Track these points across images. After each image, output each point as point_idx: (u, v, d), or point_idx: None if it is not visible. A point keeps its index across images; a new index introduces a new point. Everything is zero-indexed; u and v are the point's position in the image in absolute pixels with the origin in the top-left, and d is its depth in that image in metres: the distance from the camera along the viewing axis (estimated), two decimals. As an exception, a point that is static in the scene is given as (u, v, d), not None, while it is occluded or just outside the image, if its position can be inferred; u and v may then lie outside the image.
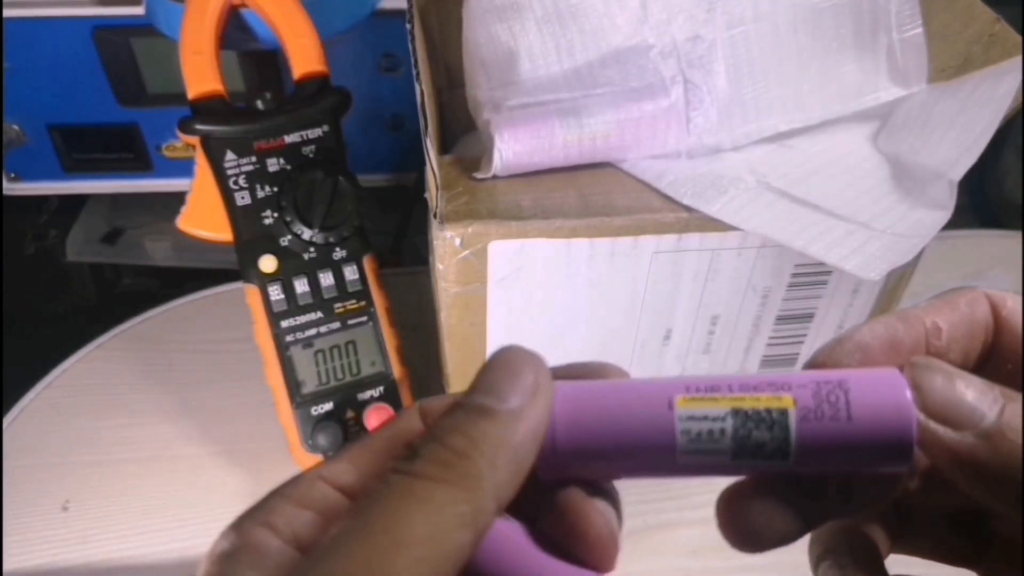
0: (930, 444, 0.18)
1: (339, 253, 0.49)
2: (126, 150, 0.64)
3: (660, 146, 0.43)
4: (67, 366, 0.61)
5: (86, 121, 0.63)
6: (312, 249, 0.48)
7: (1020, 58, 0.42)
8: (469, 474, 0.17)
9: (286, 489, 0.19)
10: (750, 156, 0.44)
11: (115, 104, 0.62)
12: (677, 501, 0.51)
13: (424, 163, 0.42)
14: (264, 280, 0.48)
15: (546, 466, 0.19)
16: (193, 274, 0.72)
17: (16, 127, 0.63)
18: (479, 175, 0.42)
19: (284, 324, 0.48)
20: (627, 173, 0.43)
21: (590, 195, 0.41)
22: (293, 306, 0.48)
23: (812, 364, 0.21)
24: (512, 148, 0.41)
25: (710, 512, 0.24)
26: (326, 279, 0.48)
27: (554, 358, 0.45)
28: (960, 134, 0.41)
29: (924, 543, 0.24)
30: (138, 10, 0.57)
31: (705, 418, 0.19)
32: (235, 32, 0.51)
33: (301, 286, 0.48)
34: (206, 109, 0.47)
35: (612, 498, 0.20)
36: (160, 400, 0.59)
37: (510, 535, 0.19)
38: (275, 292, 0.48)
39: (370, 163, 0.66)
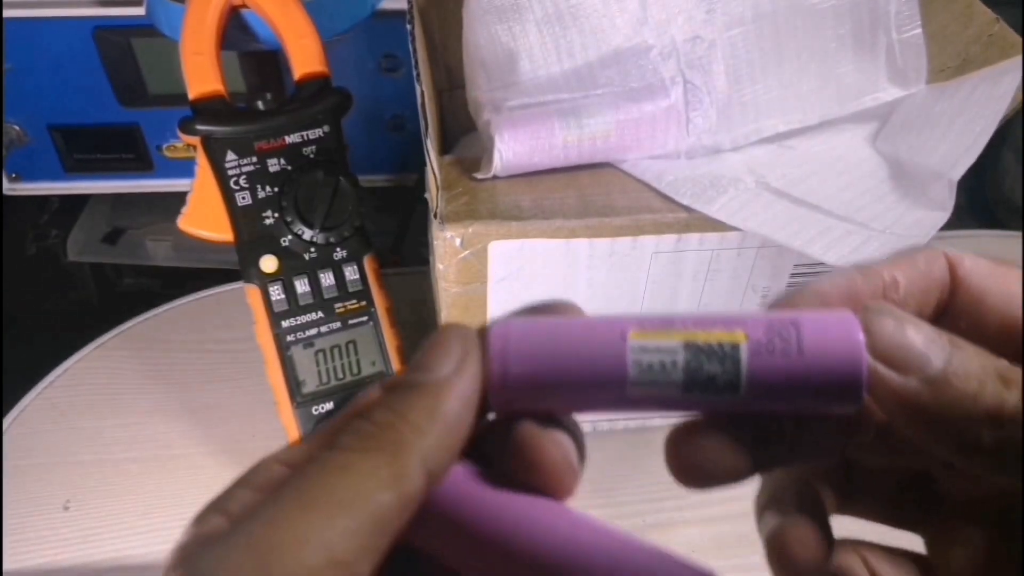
0: (877, 387, 0.18)
1: (340, 253, 0.49)
2: (127, 150, 0.64)
3: (660, 146, 0.43)
4: (68, 366, 0.61)
5: (87, 121, 0.63)
6: (313, 249, 0.48)
7: (1019, 58, 0.42)
8: (391, 441, 0.18)
9: (244, 476, 0.20)
10: (749, 157, 0.44)
11: (116, 104, 0.62)
12: (676, 501, 0.52)
13: (424, 163, 0.42)
14: (265, 280, 0.48)
15: (498, 397, 0.20)
16: (194, 274, 0.72)
17: (17, 127, 0.63)
18: (479, 175, 0.42)
19: (285, 324, 0.48)
20: (627, 173, 0.43)
21: (590, 195, 0.41)
22: (294, 306, 0.48)
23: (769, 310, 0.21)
24: (512, 148, 0.41)
25: (709, 512, 0.24)
26: (327, 279, 0.48)
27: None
28: (959, 134, 0.41)
29: (871, 504, 0.24)
30: (139, 10, 0.57)
31: (657, 350, 0.19)
32: (236, 32, 0.50)
33: (302, 286, 0.48)
34: (207, 109, 0.47)
35: (571, 431, 0.21)
36: (161, 400, 0.59)
37: (467, 480, 0.20)
38: (276, 292, 0.48)
39: (371, 163, 0.66)
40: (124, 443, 0.56)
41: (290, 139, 0.48)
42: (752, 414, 0.20)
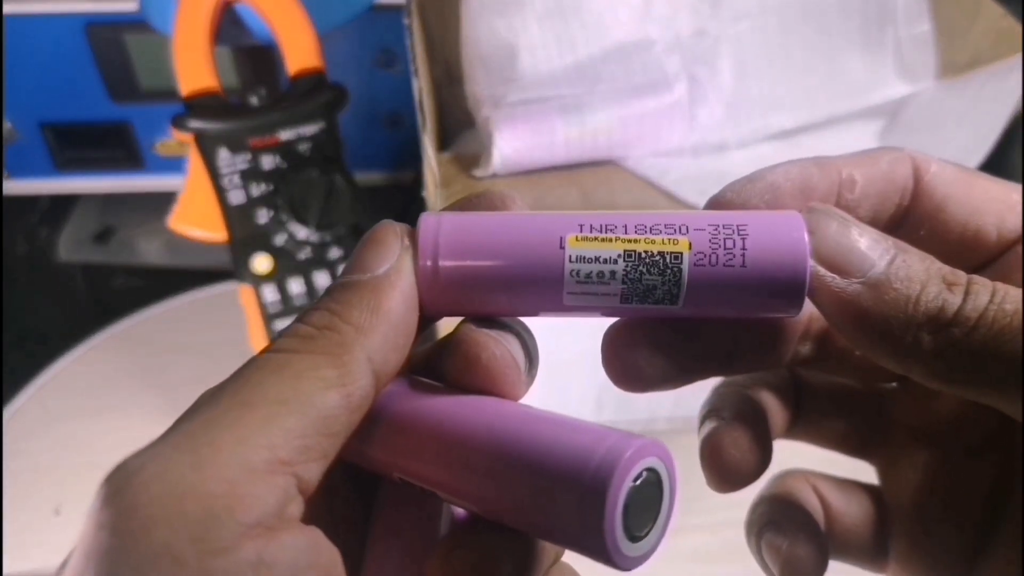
0: (819, 290, 0.18)
1: (335, 252, 0.48)
2: (118, 147, 0.63)
3: (664, 143, 0.42)
4: (59, 367, 0.60)
5: (78, 118, 0.62)
6: (307, 248, 0.48)
7: None
8: (333, 342, 0.17)
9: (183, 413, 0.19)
10: (756, 154, 0.43)
11: (108, 100, 0.61)
12: (681, 506, 0.51)
13: (422, 161, 0.41)
14: (258, 280, 0.47)
15: (429, 295, 0.19)
16: (186, 274, 0.71)
17: (8, 124, 0.62)
18: (478, 173, 0.41)
19: (279, 325, 0.47)
20: (630, 171, 0.42)
21: (592, 193, 0.41)
22: (288, 307, 0.47)
23: (721, 201, 0.20)
24: (512, 145, 0.40)
25: (715, 518, 0.23)
26: (322, 279, 0.48)
27: (554, 358, 0.44)
28: (969, 132, 0.41)
29: (822, 427, 0.24)
30: (131, 5, 0.56)
31: (596, 259, 0.18)
32: (229, 27, 0.50)
33: (296, 286, 0.47)
34: (200, 105, 0.47)
35: (515, 331, 0.20)
36: (152, 402, 0.58)
37: (413, 388, 0.19)
38: (269, 292, 0.47)
39: (367, 161, 0.65)
40: (115, 446, 0.54)
41: (284, 136, 0.47)
42: (690, 320, 0.19)
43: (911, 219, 0.20)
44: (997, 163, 0.75)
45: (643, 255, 0.18)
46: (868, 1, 0.44)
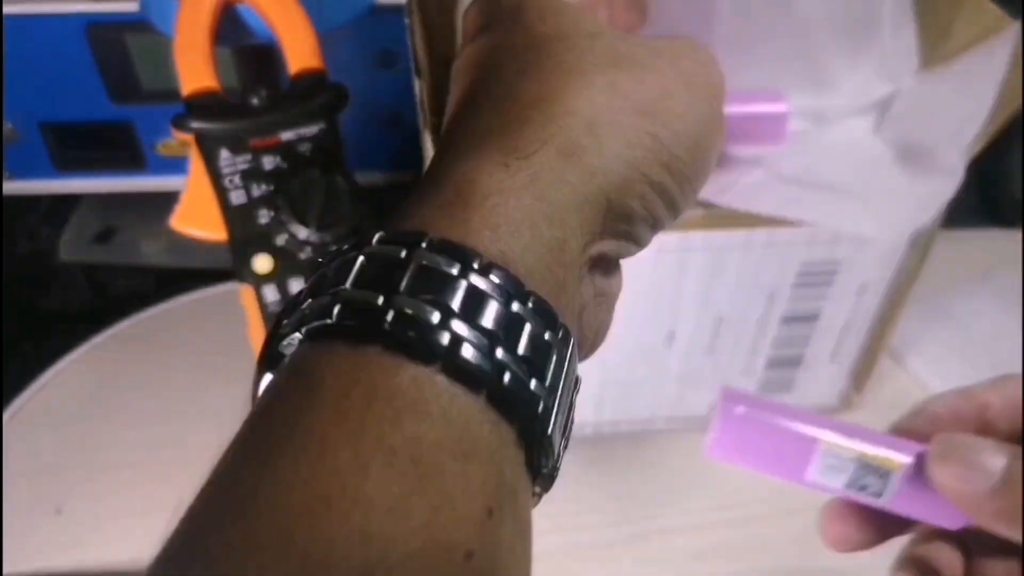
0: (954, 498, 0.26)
1: (336, 253, 0.48)
2: (120, 148, 0.63)
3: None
4: (60, 368, 0.60)
5: (79, 118, 0.62)
6: (308, 249, 0.48)
7: (1016, 27, 0.41)
8: None
9: None
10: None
11: (108, 101, 0.61)
12: (678, 506, 0.51)
13: (423, 161, 0.41)
14: (259, 280, 0.47)
15: (717, 453, 0.28)
16: (188, 274, 0.72)
17: (8, 124, 0.62)
18: (479, 173, 0.41)
19: (280, 325, 0.47)
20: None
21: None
22: (289, 307, 0.47)
23: (897, 428, 0.29)
24: (512, 145, 0.40)
25: (710, 517, 0.24)
26: (322, 279, 0.48)
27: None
28: (958, 115, 0.41)
29: (988, 571, 0.29)
30: (132, 6, 0.56)
31: (838, 457, 0.27)
32: (230, 27, 0.50)
33: (297, 287, 0.47)
34: (200, 106, 0.47)
35: None
36: (154, 402, 0.58)
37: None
38: (270, 293, 0.47)
39: (367, 160, 0.65)
40: (117, 446, 0.55)
41: (285, 136, 0.47)
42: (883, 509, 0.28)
43: None
44: (997, 163, 0.75)
45: (870, 462, 0.27)
46: (853, 2, 0.43)
